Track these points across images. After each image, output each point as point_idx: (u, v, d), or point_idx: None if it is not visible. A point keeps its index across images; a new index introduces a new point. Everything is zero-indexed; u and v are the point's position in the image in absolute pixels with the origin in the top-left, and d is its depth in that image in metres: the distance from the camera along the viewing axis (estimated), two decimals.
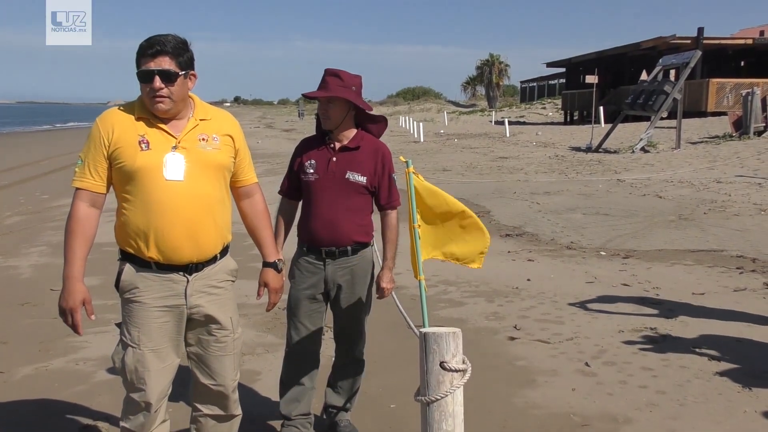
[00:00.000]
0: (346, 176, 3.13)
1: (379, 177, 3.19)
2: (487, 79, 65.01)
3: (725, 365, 4.20)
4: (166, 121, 2.53)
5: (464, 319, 5.28)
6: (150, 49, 2.44)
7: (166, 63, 2.44)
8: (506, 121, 31.80)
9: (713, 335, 4.76)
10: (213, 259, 2.63)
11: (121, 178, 2.50)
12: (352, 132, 3.20)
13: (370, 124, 3.26)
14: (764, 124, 18.72)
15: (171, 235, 2.48)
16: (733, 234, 8.18)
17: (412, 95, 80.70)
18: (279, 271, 2.90)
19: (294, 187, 3.27)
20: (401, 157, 2.75)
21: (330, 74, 3.12)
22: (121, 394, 2.65)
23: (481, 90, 70.98)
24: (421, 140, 27.42)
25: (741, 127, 18.83)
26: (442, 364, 1.96)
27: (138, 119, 2.52)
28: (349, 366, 3.39)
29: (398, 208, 3.26)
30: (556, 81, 52.38)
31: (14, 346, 4.88)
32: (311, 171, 3.18)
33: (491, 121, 40.15)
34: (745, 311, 5.27)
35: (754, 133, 18.36)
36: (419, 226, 2.57)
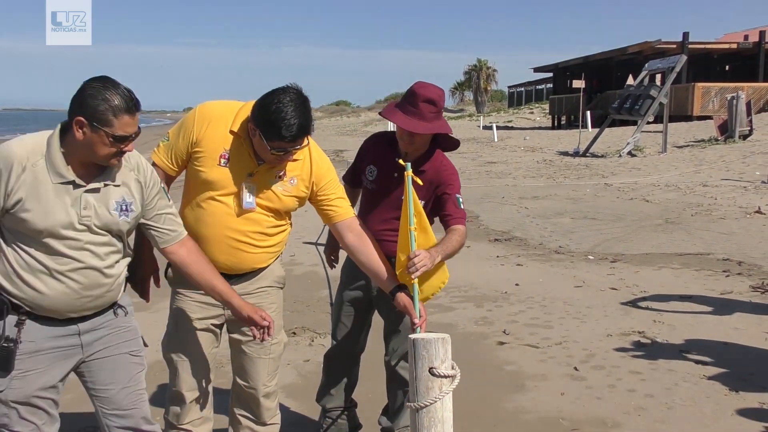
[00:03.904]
0: (402, 197, 2.80)
1: (437, 198, 2.98)
2: (474, 84, 65.11)
3: (712, 368, 4.23)
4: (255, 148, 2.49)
5: (453, 324, 5.29)
6: (299, 137, 2.39)
7: (305, 140, 2.45)
8: (494, 125, 31.89)
9: (700, 338, 4.79)
10: (254, 272, 2.65)
11: (191, 177, 2.54)
12: (424, 150, 2.97)
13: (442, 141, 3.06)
14: (749, 128, 18.90)
15: (210, 248, 2.50)
16: (719, 237, 8.25)
17: None
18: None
19: (357, 177, 3.16)
20: (400, 161, 2.71)
21: (424, 101, 2.81)
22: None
23: (469, 95, 71.09)
24: None
25: (726, 130, 18.99)
26: (431, 370, 1.96)
27: (231, 133, 2.47)
28: (394, 383, 3.24)
29: (464, 226, 2.97)
30: (543, 86, 52.63)
31: None
32: (371, 178, 3.05)
33: (479, 126, 40.25)
34: (732, 314, 5.31)
35: (740, 137, 18.53)
36: (415, 229, 2.55)
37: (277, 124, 2.32)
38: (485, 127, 37.73)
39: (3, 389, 2.16)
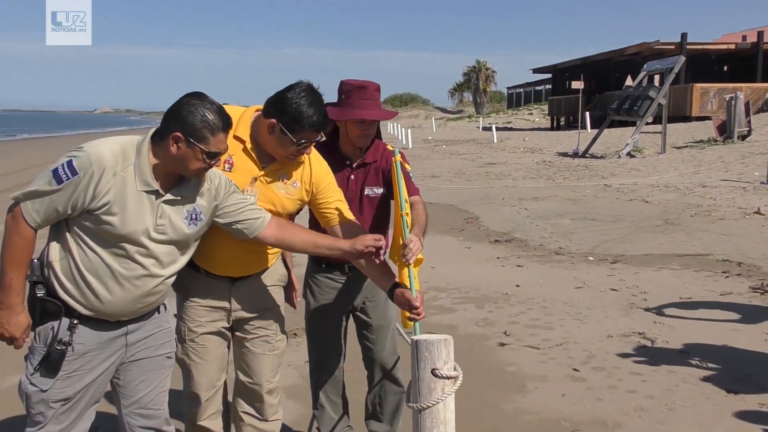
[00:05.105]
0: (365, 192, 2.95)
1: (389, 181, 2.95)
2: (474, 85, 65.21)
3: (712, 369, 4.24)
4: (259, 152, 2.53)
5: (454, 325, 5.30)
6: (323, 126, 2.47)
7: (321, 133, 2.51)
8: (493, 127, 31.93)
9: (700, 339, 4.80)
10: (260, 272, 2.70)
11: None
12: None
13: None
14: (748, 129, 18.92)
15: (218, 255, 2.55)
16: (719, 238, 8.26)
17: (400, 102, 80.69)
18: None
19: None
20: (389, 146, 2.72)
21: (375, 89, 2.86)
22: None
23: (468, 96, 71.18)
24: (410, 146, 27.49)
25: (725, 131, 19.01)
26: (433, 371, 1.97)
27: (236, 138, 2.49)
28: (387, 386, 3.20)
29: (419, 196, 2.93)
30: (542, 87, 52.67)
31: (1, 356, 4.84)
32: None
33: (479, 127, 40.30)
34: (731, 315, 5.32)
35: (738, 138, 18.54)
36: (407, 214, 2.56)
37: (304, 114, 2.41)
38: (485, 128, 37.78)
39: (47, 389, 2.20)
